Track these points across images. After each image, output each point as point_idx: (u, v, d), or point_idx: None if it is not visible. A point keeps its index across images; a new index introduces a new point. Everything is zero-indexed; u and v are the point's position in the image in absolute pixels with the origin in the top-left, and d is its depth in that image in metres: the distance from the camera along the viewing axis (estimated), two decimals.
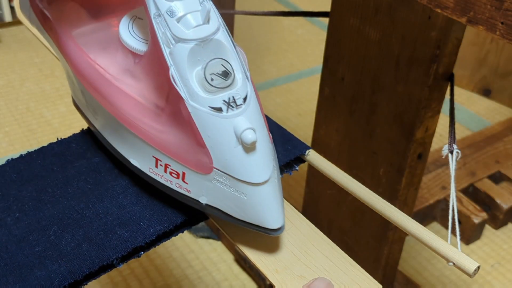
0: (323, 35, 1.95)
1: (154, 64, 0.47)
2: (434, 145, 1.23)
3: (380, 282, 1.03)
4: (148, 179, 0.51)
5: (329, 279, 0.46)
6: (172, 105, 0.46)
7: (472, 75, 1.72)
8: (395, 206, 0.51)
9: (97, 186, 0.53)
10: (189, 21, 0.44)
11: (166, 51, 0.44)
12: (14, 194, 0.52)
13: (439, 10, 0.52)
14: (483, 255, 1.25)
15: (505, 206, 1.28)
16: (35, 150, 0.56)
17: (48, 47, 0.63)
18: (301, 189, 1.18)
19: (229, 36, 0.46)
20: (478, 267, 0.46)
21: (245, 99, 0.45)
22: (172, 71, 0.44)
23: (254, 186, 0.45)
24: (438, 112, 0.81)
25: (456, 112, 0.72)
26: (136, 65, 0.50)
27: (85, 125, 0.59)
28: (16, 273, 0.44)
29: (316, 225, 1.13)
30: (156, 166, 0.49)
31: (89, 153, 0.56)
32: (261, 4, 2.15)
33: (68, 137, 0.59)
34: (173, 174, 0.48)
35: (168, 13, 0.44)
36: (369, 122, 0.86)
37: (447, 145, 0.64)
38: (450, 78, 0.78)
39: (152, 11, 0.45)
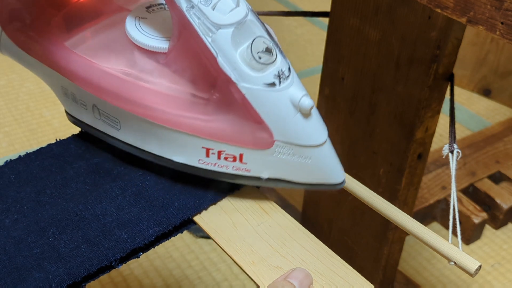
0: (323, 35, 1.94)
1: (189, 57, 0.47)
2: (434, 145, 1.22)
3: (380, 282, 1.03)
4: (198, 171, 0.51)
5: (306, 268, 0.46)
6: (219, 91, 0.46)
7: (472, 75, 1.72)
8: (395, 206, 0.51)
9: (95, 188, 0.53)
10: (223, 6, 0.45)
11: (208, 40, 0.45)
12: (13, 196, 0.51)
13: (439, 10, 0.52)
14: (483, 255, 1.25)
15: (505, 206, 1.28)
16: (33, 151, 0.56)
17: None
18: None
19: (257, 16, 0.47)
20: (480, 266, 0.46)
21: (289, 69, 0.47)
22: (220, 58, 0.45)
23: (317, 147, 0.47)
24: (438, 112, 0.81)
25: (456, 112, 0.72)
26: (161, 63, 0.49)
27: None
28: (15, 275, 0.44)
29: (316, 225, 1.14)
30: (208, 156, 0.49)
31: (88, 154, 0.56)
32: (261, 4, 2.15)
33: (67, 138, 0.58)
34: (228, 159, 0.49)
35: (202, 2, 0.45)
36: (369, 122, 0.86)
37: (447, 145, 0.64)
38: (450, 78, 0.77)
39: (183, 4, 0.45)
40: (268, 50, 0.46)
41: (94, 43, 0.54)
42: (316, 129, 0.47)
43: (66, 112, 0.58)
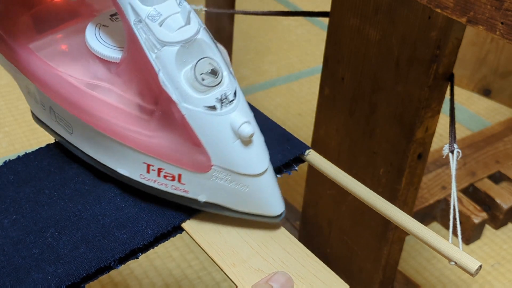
0: (323, 35, 1.94)
1: (137, 70, 0.47)
2: (434, 145, 1.22)
3: (380, 282, 1.03)
4: (140, 186, 0.50)
5: (287, 271, 0.46)
6: (161, 109, 0.46)
7: (472, 75, 1.72)
8: (395, 206, 0.51)
9: (94, 188, 0.53)
10: (172, 23, 0.44)
11: (152, 56, 0.44)
12: (11, 196, 0.51)
13: (439, 10, 0.51)
14: (483, 255, 1.25)
15: (505, 206, 1.27)
16: (32, 151, 0.56)
17: None
18: (301, 189, 1.17)
19: (209, 35, 0.46)
20: (480, 266, 0.46)
21: (235, 94, 0.46)
22: (162, 75, 0.44)
23: (255, 177, 0.46)
24: (438, 112, 0.81)
25: (456, 112, 0.72)
26: (113, 73, 0.49)
27: None
28: (13, 276, 0.44)
29: (316, 225, 1.13)
30: (148, 172, 0.49)
31: None
32: (261, 4, 2.15)
33: None
34: (168, 177, 0.48)
35: (150, 18, 0.44)
36: (369, 122, 0.86)
37: (447, 145, 0.64)
38: (450, 78, 0.77)
39: (131, 18, 0.44)
40: (213, 72, 0.45)
41: (57, 45, 0.53)
42: (255, 158, 0.46)
43: (31, 112, 0.58)
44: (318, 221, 1.06)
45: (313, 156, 0.57)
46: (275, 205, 0.48)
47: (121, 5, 0.44)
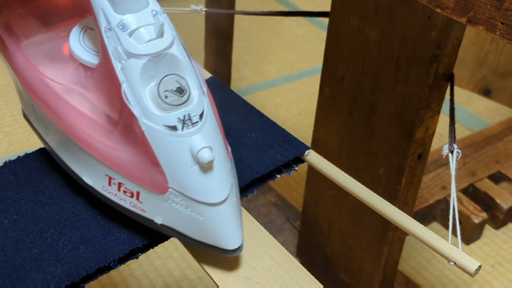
0: (323, 35, 1.94)
1: (106, 79, 0.45)
2: (434, 145, 1.22)
3: (380, 282, 1.03)
4: (102, 197, 0.49)
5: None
6: (124, 122, 0.44)
7: (472, 75, 1.72)
8: (395, 206, 0.51)
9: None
10: (142, 35, 0.42)
11: (117, 67, 0.42)
12: (11, 196, 0.51)
13: (439, 10, 0.51)
14: (483, 255, 1.25)
15: (505, 206, 1.27)
16: (32, 152, 0.56)
17: None
18: (301, 189, 1.17)
19: (185, 50, 0.44)
20: (480, 266, 0.46)
21: (201, 115, 0.43)
22: (125, 87, 0.42)
23: (211, 206, 0.44)
24: (438, 112, 0.81)
25: (456, 112, 0.72)
26: (87, 78, 0.48)
27: None
28: (13, 276, 0.44)
29: (316, 225, 1.13)
30: (110, 185, 0.47)
31: None
32: (261, 4, 2.15)
33: None
34: (127, 193, 0.47)
35: (120, 27, 0.42)
36: (369, 122, 0.86)
37: (447, 145, 0.63)
38: (450, 78, 0.77)
39: (103, 24, 0.43)
40: (179, 90, 0.43)
41: (44, 44, 0.53)
42: (213, 186, 0.44)
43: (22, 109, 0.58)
44: (318, 221, 1.06)
45: (313, 156, 0.57)
46: (231, 238, 0.45)
47: (94, 10, 0.43)
